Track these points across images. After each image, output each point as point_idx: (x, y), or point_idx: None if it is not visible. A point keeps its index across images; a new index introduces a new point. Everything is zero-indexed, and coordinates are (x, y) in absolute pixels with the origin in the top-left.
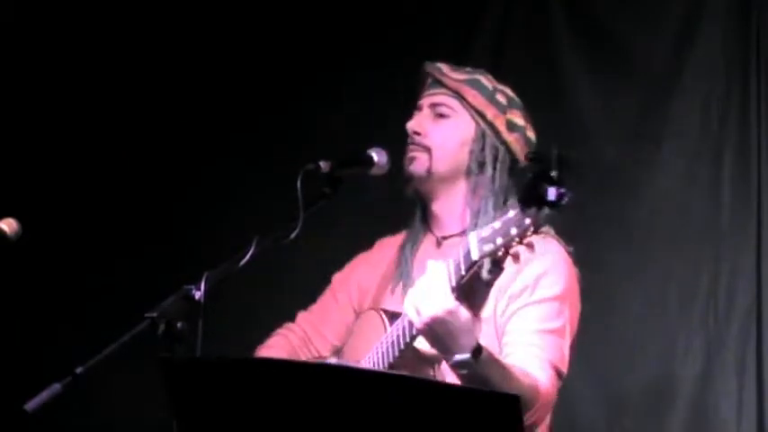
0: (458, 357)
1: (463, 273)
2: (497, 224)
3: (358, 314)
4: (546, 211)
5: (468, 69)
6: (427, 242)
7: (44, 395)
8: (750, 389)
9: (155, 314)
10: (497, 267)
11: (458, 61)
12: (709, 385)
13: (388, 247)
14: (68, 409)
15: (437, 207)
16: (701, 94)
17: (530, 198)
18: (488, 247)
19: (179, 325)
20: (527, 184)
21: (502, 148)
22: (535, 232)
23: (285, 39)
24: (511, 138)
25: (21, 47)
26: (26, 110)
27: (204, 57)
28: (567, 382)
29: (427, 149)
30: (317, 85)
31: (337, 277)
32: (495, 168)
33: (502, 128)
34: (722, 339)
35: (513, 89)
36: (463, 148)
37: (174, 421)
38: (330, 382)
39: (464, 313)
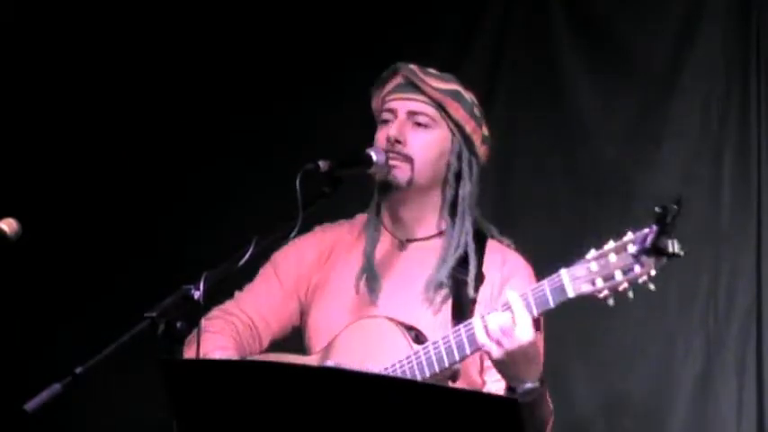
0: (529, 386)
1: (551, 306)
2: (594, 266)
3: (303, 305)
4: (664, 261)
5: (436, 73)
6: (386, 242)
7: (44, 395)
8: (750, 389)
9: (154, 314)
10: None
11: (458, 61)
12: (709, 385)
13: (333, 237)
14: (68, 409)
15: (405, 212)
16: (701, 94)
17: (651, 248)
18: (587, 288)
19: (179, 325)
20: (653, 237)
21: (474, 160)
22: (648, 281)
23: (285, 39)
24: (482, 150)
25: (21, 47)
26: (26, 110)
27: (205, 57)
28: (567, 382)
29: (409, 160)
30: (317, 85)
31: (281, 260)
32: (471, 182)
33: (478, 141)
34: (722, 339)
35: (513, 89)
36: (441, 160)
37: (173, 421)
38: (330, 385)
39: (540, 344)
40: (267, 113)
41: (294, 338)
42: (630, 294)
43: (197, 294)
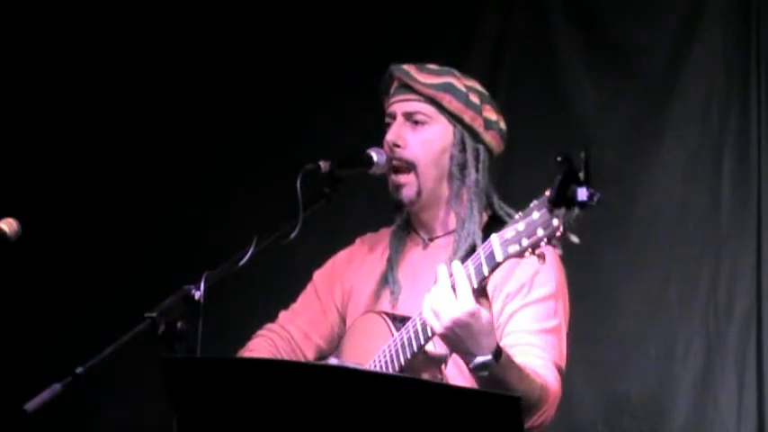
0: (479, 359)
1: (485, 275)
2: (521, 226)
3: (342, 314)
4: (576, 211)
5: (433, 68)
6: (412, 244)
7: (44, 395)
8: (750, 389)
9: (155, 314)
10: None
11: (458, 62)
12: (709, 385)
13: (369, 245)
14: (68, 409)
15: (424, 215)
16: (701, 94)
17: (559, 199)
18: (514, 249)
19: (179, 325)
20: (556, 186)
21: (481, 148)
22: (564, 233)
23: (286, 39)
24: (488, 136)
25: (21, 44)
26: (26, 109)
27: (205, 56)
28: (567, 382)
29: (411, 166)
30: (318, 85)
31: (319, 275)
32: (477, 170)
33: (480, 129)
34: (722, 339)
35: (513, 89)
36: (444, 155)
37: (174, 421)
38: (330, 383)
39: (485, 315)
40: (267, 113)
41: None
42: (559, 250)
43: (197, 294)
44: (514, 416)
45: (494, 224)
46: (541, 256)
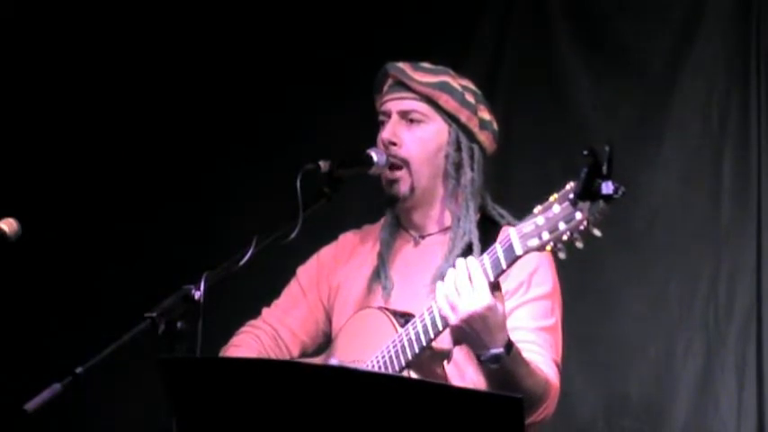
0: (493, 351)
1: (504, 268)
2: (540, 220)
3: (327, 311)
4: (601, 204)
5: (428, 67)
6: (402, 241)
7: (44, 395)
8: (750, 389)
9: (155, 314)
10: None
11: (458, 62)
12: (709, 385)
13: (355, 241)
14: (68, 409)
15: (415, 214)
16: (701, 94)
17: (584, 193)
18: (534, 242)
19: (179, 325)
20: (582, 179)
21: (476, 147)
22: (588, 226)
23: (286, 39)
24: (483, 136)
25: (21, 44)
26: (26, 109)
27: (204, 56)
28: (568, 382)
29: (406, 163)
30: (318, 85)
31: (303, 271)
32: (473, 169)
33: (475, 128)
34: (722, 339)
35: (513, 90)
36: (439, 153)
37: (174, 421)
38: (331, 384)
39: (500, 308)
40: (267, 113)
41: None
42: (579, 244)
43: (197, 294)
44: (516, 417)
45: (486, 223)
46: (561, 250)
